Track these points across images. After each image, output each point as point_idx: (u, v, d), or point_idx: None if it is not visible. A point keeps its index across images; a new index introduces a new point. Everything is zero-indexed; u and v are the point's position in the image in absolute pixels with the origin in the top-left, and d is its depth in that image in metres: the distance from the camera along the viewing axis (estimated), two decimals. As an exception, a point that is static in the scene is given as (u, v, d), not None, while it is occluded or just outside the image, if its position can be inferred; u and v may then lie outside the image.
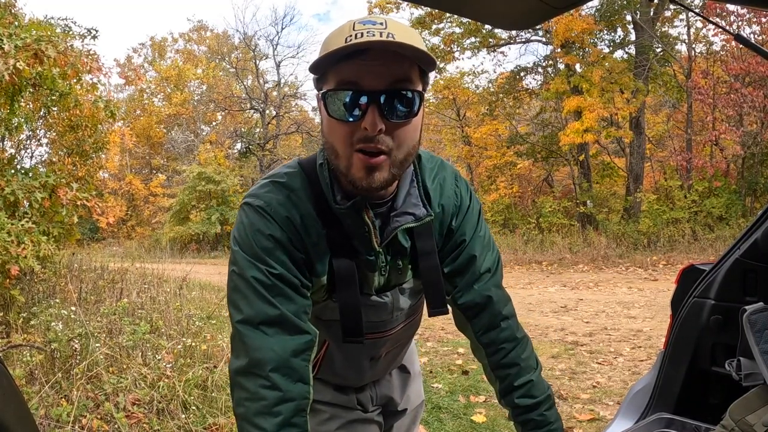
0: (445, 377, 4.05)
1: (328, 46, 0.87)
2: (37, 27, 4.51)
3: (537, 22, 1.38)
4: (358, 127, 0.87)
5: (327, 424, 1.21)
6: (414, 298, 1.14)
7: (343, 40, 0.85)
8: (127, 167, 27.96)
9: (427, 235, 1.06)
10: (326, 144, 0.93)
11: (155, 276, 6.71)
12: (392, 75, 0.86)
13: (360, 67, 0.85)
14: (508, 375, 1.10)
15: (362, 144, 0.87)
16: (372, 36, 0.84)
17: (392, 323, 1.14)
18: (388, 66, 0.86)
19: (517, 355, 1.10)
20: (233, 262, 0.97)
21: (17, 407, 0.94)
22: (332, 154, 0.92)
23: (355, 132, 0.87)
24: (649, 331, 5.16)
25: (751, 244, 1.64)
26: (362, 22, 0.87)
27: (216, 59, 28.54)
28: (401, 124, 0.89)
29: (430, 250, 1.06)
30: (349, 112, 0.87)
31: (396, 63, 0.86)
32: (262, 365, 0.90)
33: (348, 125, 0.88)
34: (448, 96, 17.39)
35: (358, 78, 0.86)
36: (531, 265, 11.68)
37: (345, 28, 0.88)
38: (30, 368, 3.06)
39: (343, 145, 0.89)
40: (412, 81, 0.89)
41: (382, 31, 0.85)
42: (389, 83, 0.86)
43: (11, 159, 5.17)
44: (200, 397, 3.14)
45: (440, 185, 1.08)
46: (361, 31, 0.85)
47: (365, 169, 0.89)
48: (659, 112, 17.32)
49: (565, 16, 12.74)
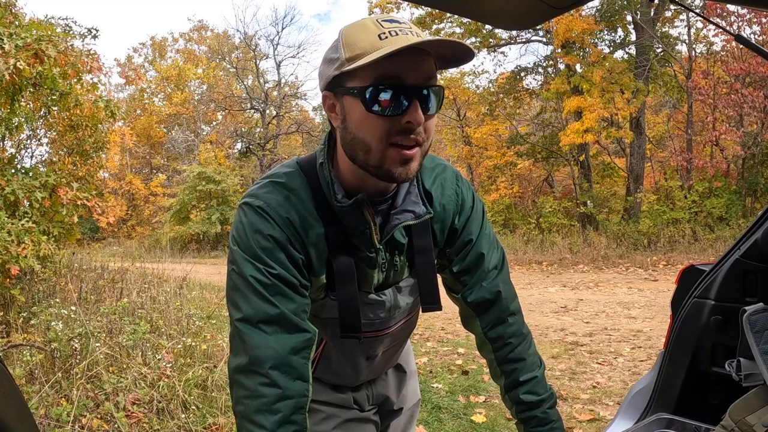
0: (445, 377, 4.05)
1: (359, 44, 0.88)
2: (38, 27, 4.51)
3: (537, 22, 1.38)
4: (397, 122, 0.89)
5: (324, 423, 1.21)
6: (411, 296, 1.16)
7: (377, 37, 0.87)
8: (128, 167, 27.96)
9: (424, 233, 1.08)
10: (354, 140, 0.93)
11: (155, 276, 6.72)
12: (427, 72, 0.90)
13: (402, 64, 0.87)
14: (514, 370, 1.12)
15: (401, 137, 0.90)
16: (406, 34, 0.87)
17: (390, 322, 1.15)
18: (423, 63, 0.89)
19: (523, 350, 1.14)
20: (232, 262, 0.98)
21: (17, 407, 0.94)
22: (361, 149, 0.92)
23: (394, 126, 0.89)
24: (649, 332, 5.15)
25: (751, 245, 1.64)
26: (387, 20, 0.90)
27: (216, 59, 28.53)
28: (431, 117, 0.93)
29: (426, 248, 1.08)
30: (393, 106, 0.89)
31: (427, 61, 0.89)
32: (262, 363, 0.91)
33: (388, 120, 0.89)
34: (449, 96, 17.38)
35: (402, 74, 0.88)
36: (531, 266, 11.68)
37: (371, 26, 0.89)
38: (30, 368, 3.06)
39: (378, 139, 0.90)
40: (437, 77, 0.93)
41: (409, 30, 0.89)
42: (425, 79, 0.90)
43: (11, 158, 5.17)
44: (200, 396, 3.14)
45: (441, 185, 1.10)
46: (393, 29, 0.88)
47: (401, 161, 0.91)
48: (660, 113, 17.33)
49: (565, 17, 12.74)
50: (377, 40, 0.87)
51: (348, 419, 1.23)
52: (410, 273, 1.13)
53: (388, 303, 1.11)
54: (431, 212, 1.04)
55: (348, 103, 0.91)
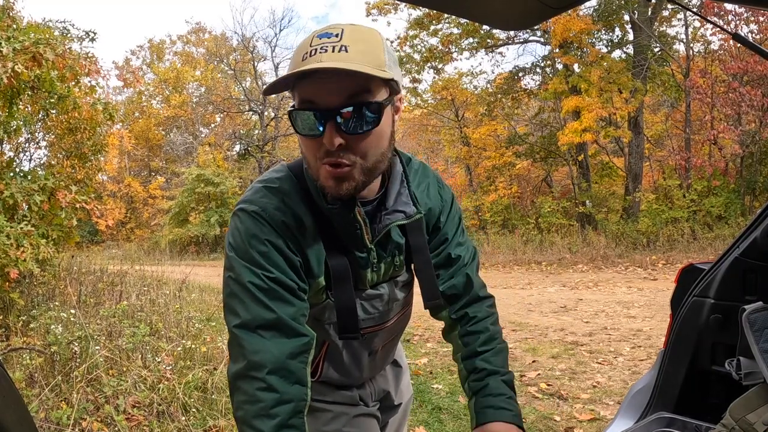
0: (445, 378, 4.05)
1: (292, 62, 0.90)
2: (36, 30, 4.50)
3: (535, 23, 1.38)
4: (321, 142, 0.89)
5: (333, 422, 1.21)
6: (405, 290, 1.20)
7: (301, 58, 0.87)
8: (126, 170, 27.96)
9: (418, 232, 1.12)
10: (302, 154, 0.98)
11: (155, 278, 6.71)
12: (347, 90, 0.87)
13: (315, 85, 0.87)
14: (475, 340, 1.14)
15: (327, 158, 0.90)
16: (324, 52, 0.85)
17: (389, 315, 1.17)
18: (341, 82, 0.86)
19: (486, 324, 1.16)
20: (229, 268, 0.98)
21: (17, 410, 0.94)
22: (306, 164, 0.98)
23: (320, 146, 0.90)
24: (649, 331, 5.16)
25: (750, 243, 1.64)
26: (320, 35, 0.88)
27: (214, 61, 28.53)
28: (363, 136, 0.90)
29: (422, 246, 1.13)
30: (310, 129, 0.90)
31: (350, 77, 0.85)
32: (259, 368, 0.91)
33: (313, 140, 0.91)
34: (447, 97, 17.40)
35: (315, 97, 0.88)
36: (530, 266, 11.69)
37: (304, 45, 0.89)
38: (30, 371, 3.05)
39: (312, 158, 0.93)
40: (371, 91, 0.89)
41: (335, 45, 0.85)
42: (345, 98, 0.87)
43: (10, 162, 5.16)
44: (200, 399, 3.14)
45: (427, 188, 1.15)
46: (315, 48, 0.86)
47: (333, 179, 0.92)
48: (658, 112, 17.33)
49: (563, 17, 12.76)
50: (300, 61, 0.87)
51: (356, 415, 1.24)
52: (407, 270, 1.18)
53: (386, 296, 1.14)
54: (422, 212, 1.08)
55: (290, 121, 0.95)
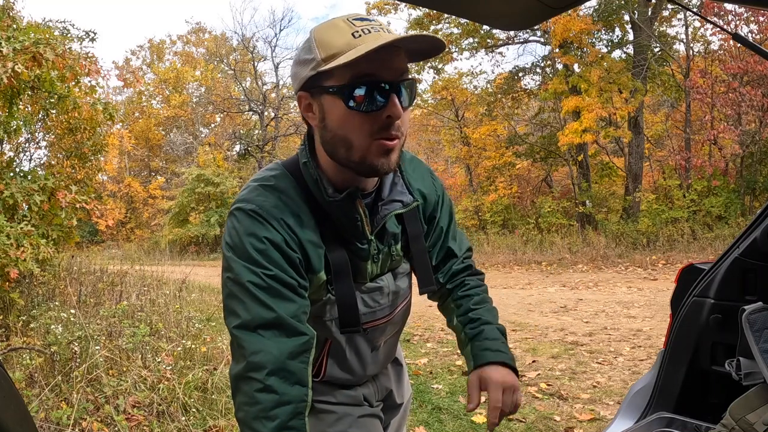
0: (445, 378, 4.05)
1: (334, 44, 0.91)
2: (36, 30, 4.50)
3: (535, 23, 1.38)
4: (378, 117, 0.92)
5: (338, 423, 1.19)
6: (406, 279, 1.22)
7: (351, 36, 0.90)
8: (126, 170, 27.95)
9: (415, 220, 1.15)
10: (334, 138, 0.96)
11: (155, 278, 6.71)
12: (400, 68, 0.93)
13: (376, 61, 0.89)
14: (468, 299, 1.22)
15: (382, 132, 0.93)
16: (378, 31, 0.91)
17: (390, 308, 1.17)
18: (395, 59, 0.92)
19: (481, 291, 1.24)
20: (227, 269, 0.98)
21: (17, 410, 0.94)
22: (342, 146, 0.95)
23: (375, 121, 0.92)
24: (649, 331, 5.16)
25: (750, 243, 1.65)
26: (357, 18, 0.93)
27: (214, 61, 28.53)
28: (407, 111, 0.97)
29: (418, 234, 1.16)
30: (372, 103, 0.91)
31: (399, 56, 0.92)
32: (259, 369, 0.91)
33: (369, 116, 0.92)
34: (447, 97, 17.39)
35: (377, 71, 0.90)
36: (530, 266, 11.69)
37: (343, 25, 0.92)
38: (30, 371, 3.05)
39: (361, 135, 0.93)
40: (409, 71, 0.96)
41: (381, 26, 0.92)
42: (399, 75, 0.93)
43: (10, 162, 5.16)
44: (200, 399, 3.14)
45: (421, 177, 1.19)
46: (365, 27, 0.91)
47: (384, 154, 0.94)
48: (658, 112, 17.33)
49: (563, 17, 12.76)
50: (352, 39, 0.90)
51: (361, 415, 1.23)
52: (406, 258, 1.19)
53: (387, 288, 1.14)
54: (418, 201, 1.11)
55: (327, 102, 0.94)
